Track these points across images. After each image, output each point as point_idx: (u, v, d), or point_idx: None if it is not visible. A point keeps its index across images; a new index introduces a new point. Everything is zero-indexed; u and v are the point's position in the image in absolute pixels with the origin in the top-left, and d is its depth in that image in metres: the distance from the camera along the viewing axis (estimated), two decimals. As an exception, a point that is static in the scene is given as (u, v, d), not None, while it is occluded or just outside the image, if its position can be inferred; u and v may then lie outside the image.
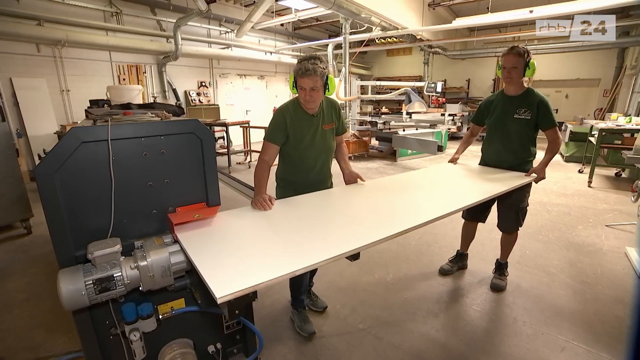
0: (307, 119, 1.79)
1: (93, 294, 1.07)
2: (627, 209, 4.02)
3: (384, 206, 1.63)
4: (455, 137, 10.53)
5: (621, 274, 2.66)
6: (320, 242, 1.23)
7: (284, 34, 10.79)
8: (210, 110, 7.44)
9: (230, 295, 0.90)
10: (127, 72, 7.22)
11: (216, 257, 1.11)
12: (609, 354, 1.83)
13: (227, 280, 0.96)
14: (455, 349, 1.89)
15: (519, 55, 2.10)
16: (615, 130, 5.11)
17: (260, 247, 1.19)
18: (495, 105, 2.33)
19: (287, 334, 2.02)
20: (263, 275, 0.98)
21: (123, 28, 6.80)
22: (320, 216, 1.52)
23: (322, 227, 1.38)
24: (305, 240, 1.25)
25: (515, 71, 2.12)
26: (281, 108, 1.78)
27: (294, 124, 1.75)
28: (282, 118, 1.74)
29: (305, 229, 1.35)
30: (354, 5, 6.25)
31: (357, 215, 1.53)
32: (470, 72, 12.33)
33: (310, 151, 1.81)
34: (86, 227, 1.18)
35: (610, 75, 9.82)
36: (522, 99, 2.20)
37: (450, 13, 9.82)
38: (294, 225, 1.40)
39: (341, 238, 1.25)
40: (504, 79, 2.19)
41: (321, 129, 1.83)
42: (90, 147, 1.15)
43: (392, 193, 1.85)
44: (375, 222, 1.42)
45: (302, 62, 1.64)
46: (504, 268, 2.53)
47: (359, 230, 1.32)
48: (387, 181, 2.14)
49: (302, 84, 1.66)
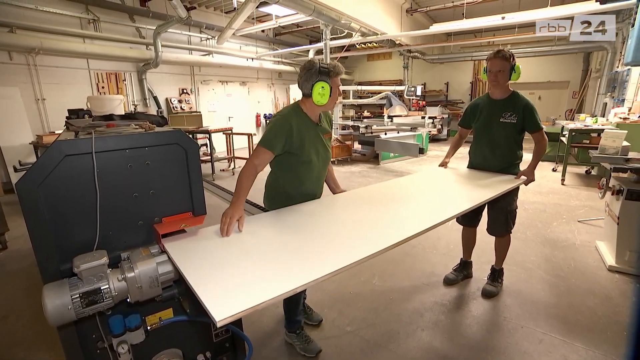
0: (312, 128, 1.71)
1: (80, 308, 1.07)
2: (597, 205, 4.25)
3: (378, 215, 1.58)
4: (435, 139, 10.80)
5: (592, 266, 2.81)
6: (320, 253, 1.19)
7: (265, 40, 10.82)
8: (192, 118, 7.36)
9: (230, 317, 0.86)
10: (106, 80, 7.07)
11: (205, 268, 1.08)
12: (581, 342, 1.94)
13: (222, 297, 0.93)
14: (440, 346, 1.96)
15: (505, 58, 2.12)
16: (583, 131, 5.39)
17: (251, 261, 1.14)
18: (481, 108, 2.35)
19: (277, 341, 2.04)
20: (260, 294, 0.93)
21: (101, 35, 6.67)
22: (315, 227, 1.45)
23: (318, 240, 1.32)
24: (300, 254, 1.19)
25: (501, 74, 2.14)
26: (284, 114, 1.66)
27: (301, 132, 1.65)
28: (287, 125, 1.62)
29: (298, 243, 1.28)
30: (334, 12, 6.36)
31: (351, 227, 1.45)
32: (449, 76, 12.69)
33: (313, 161, 1.72)
34: (71, 241, 1.17)
35: (578, 77, 10.35)
36: (508, 103, 2.23)
37: (427, 19, 10.12)
38: (284, 239, 1.32)
39: (337, 251, 1.20)
40: (490, 82, 2.22)
41: (323, 138, 1.78)
42: (73, 160, 1.15)
43: (385, 202, 1.80)
44: (371, 232, 1.37)
45: (330, 64, 1.60)
46: (498, 275, 2.49)
47: (356, 242, 1.28)
48: (380, 188, 2.11)
49: (339, 83, 1.66)
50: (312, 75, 1.60)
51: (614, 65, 7.84)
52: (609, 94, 7.82)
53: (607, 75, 7.97)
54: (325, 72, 1.59)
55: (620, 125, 5.16)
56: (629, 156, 2.96)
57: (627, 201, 2.61)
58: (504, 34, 9.81)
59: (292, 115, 1.66)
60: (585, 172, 6.08)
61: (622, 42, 7.43)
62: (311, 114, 1.72)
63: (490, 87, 2.28)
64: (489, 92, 2.34)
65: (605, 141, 3.11)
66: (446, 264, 2.87)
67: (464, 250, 2.67)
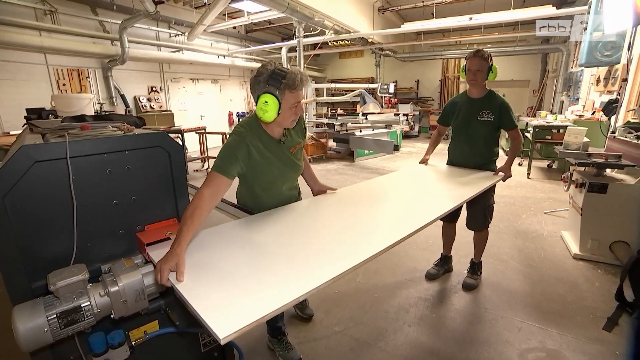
0: (273, 145, 1.49)
1: (58, 329, 0.98)
2: (560, 197, 4.53)
3: (369, 217, 1.56)
4: (407, 135, 11.06)
5: (559, 255, 2.99)
6: (317, 259, 1.15)
7: (237, 36, 10.57)
8: (163, 117, 7.05)
9: (234, 334, 0.80)
10: (67, 76, 6.57)
11: (201, 280, 1.03)
12: (555, 328, 2.06)
13: (221, 310, 0.87)
14: (427, 341, 2.00)
15: (483, 58, 2.20)
16: (546, 127, 5.72)
17: (247, 271, 1.09)
18: (459, 106, 2.41)
19: (263, 346, 2.00)
20: (261, 305, 0.89)
21: (59, 28, 6.17)
22: (307, 231, 1.41)
23: (313, 244, 1.27)
24: (296, 261, 1.14)
25: (479, 73, 2.22)
26: (239, 132, 1.42)
27: (261, 151, 1.44)
28: (243, 145, 1.38)
29: (293, 248, 1.24)
30: (307, 9, 6.32)
31: (342, 229, 1.41)
32: (419, 74, 13.03)
33: (276, 182, 1.58)
34: (44, 255, 1.07)
35: (537, 77, 11.01)
36: (485, 102, 2.30)
37: (398, 18, 10.32)
38: (280, 244, 1.28)
39: (336, 255, 1.17)
40: (469, 81, 2.29)
41: (289, 153, 1.57)
42: (45, 166, 1.05)
43: (371, 201, 1.79)
44: (364, 234, 1.35)
45: (287, 74, 1.32)
46: (477, 268, 2.59)
47: (354, 245, 1.25)
48: (360, 188, 2.07)
49: (298, 99, 1.38)
50: (259, 83, 1.34)
51: (569, 66, 8.39)
52: (565, 93, 8.37)
53: (563, 76, 8.51)
54: (275, 81, 1.30)
55: (577, 122, 5.53)
56: (589, 151, 3.19)
57: (589, 193, 2.80)
58: (470, 34, 10.21)
59: (247, 134, 1.42)
60: (547, 166, 6.47)
61: (575, 45, 7.96)
62: (271, 131, 1.48)
63: (468, 85, 2.35)
64: (466, 91, 2.41)
65: (568, 137, 3.33)
66: (427, 258, 2.94)
67: (444, 245, 2.75)
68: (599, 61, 3.79)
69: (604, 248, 2.81)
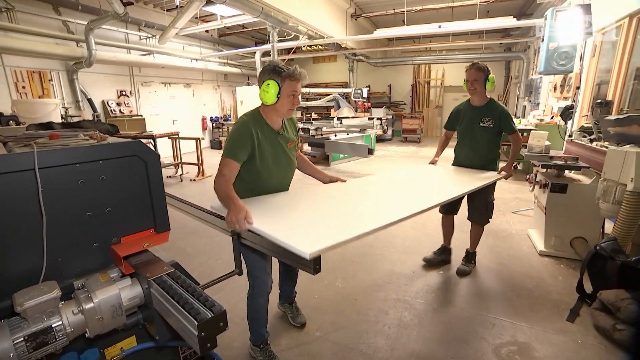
0: (272, 135, 1.65)
1: (26, 353, 0.91)
2: (525, 197, 4.79)
3: (381, 199, 1.87)
4: (381, 139, 11.28)
5: (526, 252, 3.16)
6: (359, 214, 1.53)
7: (209, 40, 10.39)
8: (134, 122, 6.75)
9: (317, 251, 1.08)
10: (27, 79, 6.16)
11: (273, 221, 1.36)
12: (525, 322, 2.17)
13: (300, 238, 1.17)
14: (407, 342, 2.04)
15: (479, 69, 2.44)
16: (511, 131, 6.03)
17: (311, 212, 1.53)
18: (463, 114, 2.67)
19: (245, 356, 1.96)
20: (336, 235, 1.20)
21: (17, 27, 5.79)
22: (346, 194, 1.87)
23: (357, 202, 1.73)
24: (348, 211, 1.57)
25: (477, 83, 2.45)
26: (244, 121, 1.60)
27: (261, 140, 1.59)
28: (248, 132, 1.55)
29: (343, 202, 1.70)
30: (281, 14, 6.33)
31: (363, 201, 1.78)
32: (391, 79, 13.37)
33: (272, 170, 1.68)
34: (8, 274, 1.00)
35: (501, 83, 11.62)
36: (486, 109, 2.55)
37: (371, 24, 10.55)
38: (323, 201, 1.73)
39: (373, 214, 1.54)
40: (469, 91, 2.54)
41: (285, 147, 1.72)
42: (9, 178, 0.99)
43: (381, 190, 2.07)
44: (386, 208, 1.66)
45: (282, 66, 1.52)
46: (471, 257, 2.87)
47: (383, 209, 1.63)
48: (370, 180, 2.32)
49: (295, 88, 1.55)
50: (264, 73, 1.57)
51: (529, 73, 8.92)
52: (527, 98, 8.88)
53: (524, 82, 9.04)
54: (277, 72, 1.53)
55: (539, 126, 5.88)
56: (551, 154, 3.40)
57: (552, 193, 2.98)
58: (440, 40, 10.62)
59: (251, 122, 1.59)
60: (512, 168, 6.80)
61: (534, 54, 8.49)
62: (271, 121, 1.65)
63: (469, 94, 2.60)
64: (469, 99, 2.67)
65: (532, 141, 3.53)
66: (404, 260, 3.01)
67: (444, 236, 2.99)
68: (555, 69, 4.06)
69: (565, 244, 3.00)
